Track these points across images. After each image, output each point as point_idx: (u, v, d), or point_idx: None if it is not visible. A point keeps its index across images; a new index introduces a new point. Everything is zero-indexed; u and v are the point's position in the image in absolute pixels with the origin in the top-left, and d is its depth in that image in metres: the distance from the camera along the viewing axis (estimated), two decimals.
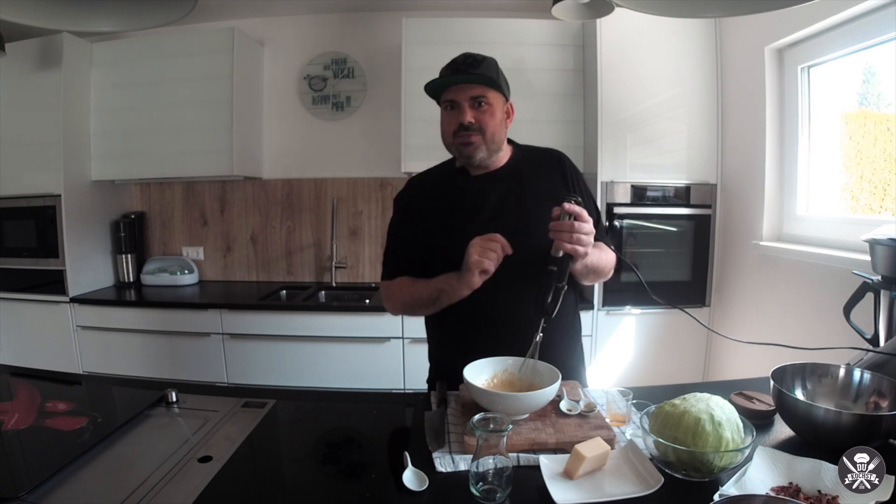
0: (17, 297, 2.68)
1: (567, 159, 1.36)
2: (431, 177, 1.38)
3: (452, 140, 1.24)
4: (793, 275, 2.01)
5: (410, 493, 0.84)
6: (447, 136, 1.26)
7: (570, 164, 1.35)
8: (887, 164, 1.78)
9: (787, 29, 1.98)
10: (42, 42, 2.55)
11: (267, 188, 3.06)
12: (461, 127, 1.21)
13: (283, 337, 2.50)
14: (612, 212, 2.43)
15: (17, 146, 2.61)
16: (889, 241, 1.20)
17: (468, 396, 1.10)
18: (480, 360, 1.13)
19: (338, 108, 2.98)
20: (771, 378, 1.05)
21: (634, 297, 2.49)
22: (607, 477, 0.87)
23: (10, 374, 1.45)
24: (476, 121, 1.21)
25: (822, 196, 2.07)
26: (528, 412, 1.04)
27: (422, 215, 1.32)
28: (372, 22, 2.92)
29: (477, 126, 1.21)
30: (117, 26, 1.22)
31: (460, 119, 1.21)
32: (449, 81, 1.21)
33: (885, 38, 1.67)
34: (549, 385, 1.02)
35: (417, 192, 1.37)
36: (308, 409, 1.28)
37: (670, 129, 2.46)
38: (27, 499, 0.82)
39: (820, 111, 2.04)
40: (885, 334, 1.22)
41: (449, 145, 1.27)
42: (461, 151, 1.24)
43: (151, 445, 1.02)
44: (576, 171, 1.35)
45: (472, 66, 1.21)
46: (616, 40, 2.39)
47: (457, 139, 1.23)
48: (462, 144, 1.23)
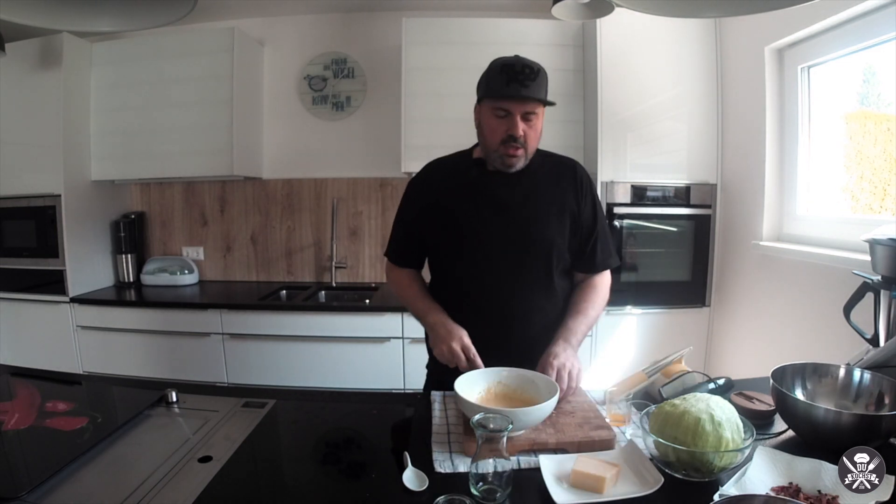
0: (17, 297, 2.68)
1: (583, 171, 1.38)
2: (446, 164, 1.41)
3: (498, 147, 1.25)
4: (793, 275, 2.01)
5: (410, 493, 0.84)
6: (493, 142, 1.26)
7: (585, 176, 1.37)
8: (887, 164, 1.78)
9: (787, 29, 1.98)
10: (42, 42, 2.55)
11: (267, 188, 3.06)
12: (510, 138, 1.23)
13: (283, 337, 2.50)
14: (613, 212, 2.43)
15: (17, 146, 2.61)
16: (889, 241, 1.20)
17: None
18: (473, 372, 1.13)
19: (338, 108, 2.98)
20: (771, 378, 1.05)
21: (634, 297, 2.49)
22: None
23: (10, 374, 1.45)
24: (524, 135, 1.23)
25: (822, 196, 2.07)
26: (524, 428, 0.99)
27: (431, 200, 1.35)
28: (372, 22, 2.92)
29: (523, 141, 1.23)
30: (117, 26, 1.22)
31: (512, 131, 1.22)
32: (514, 95, 1.19)
33: (885, 38, 1.67)
34: (546, 399, 0.99)
35: (431, 177, 1.40)
36: (308, 409, 1.28)
37: (670, 129, 2.46)
38: (27, 499, 0.82)
39: (820, 111, 2.04)
40: (885, 334, 1.22)
41: (491, 151, 1.27)
42: (504, 161, 1.26)
43: (151, 445, 1.02)
44: (590, 182, 1.38)
45: (530, 77, 1.20)
46: (616, 40, 2.39)
47: (503, 148, 1.24)
48: (507, 155, 1.25)
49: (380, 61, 2.91)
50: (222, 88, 2.65)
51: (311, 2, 2.83)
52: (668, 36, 2.40)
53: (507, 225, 1.29)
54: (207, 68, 2.66)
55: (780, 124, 2.15)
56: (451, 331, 1.23)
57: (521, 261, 1.29)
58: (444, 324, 1.26)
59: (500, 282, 1.29)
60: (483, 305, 1.30)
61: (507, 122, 1.23)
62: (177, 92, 2.69)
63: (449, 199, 1.33)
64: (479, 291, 1.30)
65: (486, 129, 1.27)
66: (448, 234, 1.32)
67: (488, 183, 1.32)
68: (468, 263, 1.31)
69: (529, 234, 1.29)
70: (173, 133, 2.70)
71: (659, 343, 2.49)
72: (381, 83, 2.92)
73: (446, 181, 1.36)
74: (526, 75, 1.20)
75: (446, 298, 1.36)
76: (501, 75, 1.20)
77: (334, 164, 3.01)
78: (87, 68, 2.71)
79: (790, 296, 2.03)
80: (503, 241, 1.29)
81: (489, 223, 1.29)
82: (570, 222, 1.32)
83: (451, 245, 1.33)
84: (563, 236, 1.31)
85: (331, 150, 3.00)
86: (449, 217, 1.32)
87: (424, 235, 1.37)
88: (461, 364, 1.18)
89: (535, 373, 1.13)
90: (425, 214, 1.36)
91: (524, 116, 1.22)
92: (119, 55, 2.72)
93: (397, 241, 1.45)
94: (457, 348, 1.18)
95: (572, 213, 1.32)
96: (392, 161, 2.80)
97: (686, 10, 1.42)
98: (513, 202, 1.30)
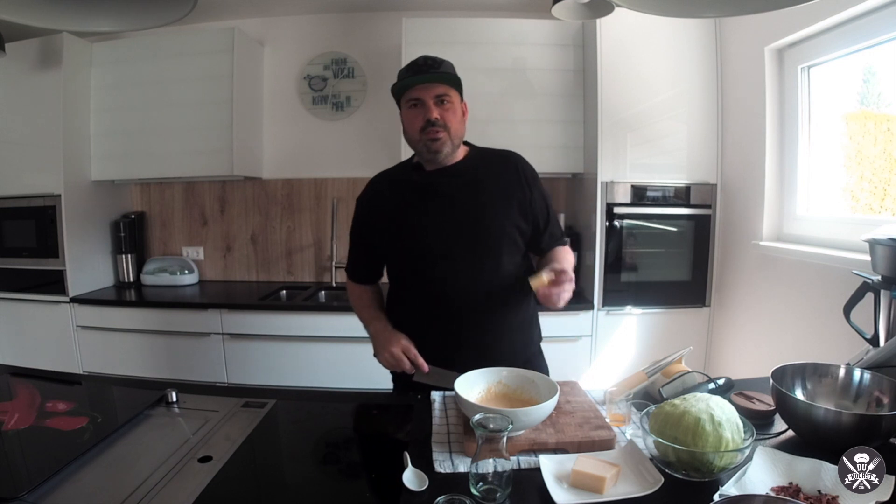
0: (17, 297, 2.68)
1: (522, 160, 1.42)
2: (389, 175, 1.46)
3: (420, 136, 1.29)
4: (793, 275, 2.01)
5: (410, 493, 0.84)
6: (413, 132, 1.30)
7: (525, 165, 1.41)
8: (887, 164, 1.78)
9: (787, 29, 1.98)
10: (42, 42, 2.55)
11: (267, 188, 3.06)
12: (428, 123, 1.27)
13: (283, 337, 2.50)
14: (612, 212, 2.43)
15: (17, 146, 2.61)
16: (889, 241, 1.20)
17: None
18: (473, 372, 1.13)
19: (338, 108, 2.98)
20: (771, 378, 1.05)
21: (634, 297, 2.49)
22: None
23: (10, 374, 1.45)
24: (441, 118, 1.27)
25: (822, 196, 2.07)
26: (524, 428, 0.99)
27: (381, 210, 1.40)
28: (372, 22, 2.92)
29: (442, 122, 1.27)
30: (117, 26, 1.22)
31: (427, 115, 1.27)
32: (416, 81, 1.26)
33: (885, 38, 1.67)
34: (546, 399, 0.99)
35: (376, 189, 1.45)
36: (308, 409, 1.28)
37: (670, 129, 2.46)
38: (27, 499, 0.82)
39: (820, 111, 2.04)
40: (885, 334, 1.22)
41: (415, 141, 1.32)
42: (429, 147, 1.29)
43: (151, 445, 1.02)
44: (532, 171, 1.41)
45: (433, 66, 1.27)
46: (616, 40, 2.39)
47: (424, 135, 1.28)
48: (430, 140, 1.28)
49: (380, 61, 2.91)
50: (222, 88, 2.65)
51: (311, 2, 2.83)
52: (668, 36, 2.40)
53: (455, 216, 1.32)
54: (207, 68, 2.66)
55: (780, 124, 2.15)
56: (389, 338, 1.29)
57: (475, 251, 1.31)
58: (383, 331, 1.32)
59: (457, 274, 1.31)
60: (444, 299, 1.31)
61: (421, 110, 1.27)
62: (177, 92, 2.69)
63: (396, 204, 1.37)
64: (437, 286, 1.32)
65: (406, 125, 1.32)
66: (401, 237, 1.35)
67: (431, 182, 1.35)
68: (423, 261, 1.33)
69: (480, 221, 1.32)
70: (173, 133, 2.70)
71: (659, 343, 2.49)
72: (381, 83, 2.92)
73: (391, 189, 1.41)
74: (429, 66, 1.27)
75: (408, 300, 1.39)
76: (407, 71, 1.29)
77: (334, 164, 3.01)
78: (87, 68, 2.71)
79: (790, 296, 2.03)
80: (455, 233, 1.31)
81: (439, 217, 1.32)
82: (519, 210, 1.35)
83: (406, 247, 1.35)
84: (512, 221, 1.34)
85: (331, 150, 3.00)
86: (400, 220, 1.35)
87: (378, 246, 1.41)
88: (405, 367, 1.24)
89: (535, 373, 1.13)
90: (376, 225, 1.40)
91: (437, 101, 1.27)
92: (119, 55, 2.72)
93: (352, 257, 1.51)
94: (397, 352, 1.24)
95: (520, 202, 1.35)
96: (392, 161, 2.71)
97: (686, 10, 1.42)
98: (458, 194, 1.33)
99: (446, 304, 1.31)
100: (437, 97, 1.27)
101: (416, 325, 1.33)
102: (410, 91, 1.28)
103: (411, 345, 1.27)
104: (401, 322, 1.37)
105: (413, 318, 1.36)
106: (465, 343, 1.31)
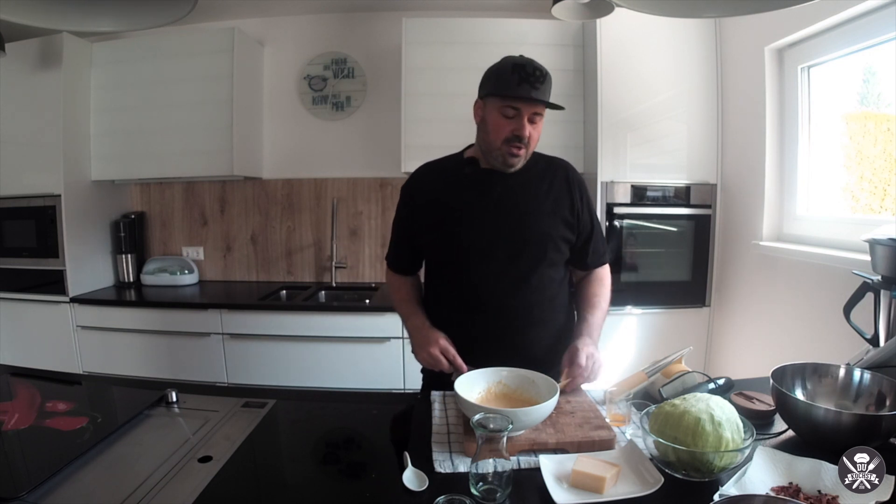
0: (17, 297, 2.68)
1: (574, 171, 1.40)
2: (438, 165, 1.42)
3: (501, 146, 1.25)
4: (793, 275, 2.01)
5: (410, 493, 0.84)
6: (497, 139, 1.25)
7: (575, 174, 1.40)
8: (887, 164, 1.78)
9: (787, 29, 1.98)
10: (42, 42, 2.55)
11: (267, 188, 3.06)
12: (516, 138, 1.23)
13: (283, 337, 2.50)
14: (612, 212, 2.43)
15: (17, 146, 2.60)
16: (889, 241, 1.20)
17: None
18: (473, 372, 1.13)
19: (338, 108, 2.98)
20: (771, 378, 1.05)
21: (634, 297, 2.49)
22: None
23: (10, 374, 1.45)
24: (529, 136, 1.24)
25: (822, 196, 2.07)
26: (524, 428, 0.99)
27: (426, 200, 1.36)
28: (372, 22, 2.92)
29: (527, 141, 1.25)
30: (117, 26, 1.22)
31: (518, 131, 1.23)
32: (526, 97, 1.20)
33: (885, 38, 1.67)
34: (546, 399, 0.99)
35: (424, 178, 1.41)
36: (308, 409, 1.28)
37: (670, 129, 2.46)
38: (27, 499, 0.82)
39: (820, 111, 2.04)
40: (885, 334, 1.22)
41: (494, 148, 1.27)
42: (506, 160, 1.27)
43: (151, 445, 1.02)
44: (582, 182, 1.39)
45: (540, 79, 1.21)
46: (616, 40, 2.39)
47: (507, 147, 1.25)
48: (510, 154, 1.26)
49: (380, 61, 2.91)
50: (222, 88, 2.65)
51: (311, 2, 2.83)
52: (668, 36, 2.40)
53: (502, 219, 1.30)
54: (207, 68, 2.66)
55: (780, 124, 2.15)
56: (427, 336, 1.26)
57: (518, 254, 1.30)
58: (421, 329, 1.29)
59: (497, 275, 1.30)
60: (481, 299, 1.30)
61: (514, 122, 1.23)
62: (177, 92, 2.69)
63: (444, 195, 1.34)
64: (476, 286, 1.31)
65: (490, 126, 1.26)
66: (444, 230, 1.33)
67: (483, 180, 1.33)
68: (465, 258, 1.32)
69: (526, 228, 1.30)
70: (173, 133, 2.70)
71: (659, 343, 2.49)
72: (381, 83, 2.92)
73: (440, 180, 1.38)
74: (536, 77, 1.20)
75: (444, 296, 1.37)
76: (513, 75, 1.20)
77: (334, 164, 3.01)
78: (87, 68, 2.71)
79: (790, 296, 2.03)
80: (499, 234, 1.30)
81: (485, 217, 1.30)
82: (566, 220, 1.33)
83: (448, 241, 1.33)
84: (558, 231, 1.32)
85: (331, 150, 3.00)
86: (445, 213, 1.33)
87: (420, 236, 1.38)
88: (443, 367, 1.21)
89: (535, 373, 1.13)
90: (421, 214, 1.37)
91: (530, 118, 1.23)
92: (119, 55, 2.72)
93: (394, 246, 1.48)
94: (436, 352, 1.21)
95: (568, 212, 1.34)
96: (392, 161, 2.80)
97: (686, 10, 1.42)
98: (507, 197, 1.31)
99: (481, 305, 1.30)
100: (532, 115, 1.23)
101: (449, 323, 1.31)
102: (513, 100, 1.22)
103: (450, 345, 1.23)
104: (434, 320, 1.36)
105: (447, 317, 1.33)
106: (498, 345, 1.28)
